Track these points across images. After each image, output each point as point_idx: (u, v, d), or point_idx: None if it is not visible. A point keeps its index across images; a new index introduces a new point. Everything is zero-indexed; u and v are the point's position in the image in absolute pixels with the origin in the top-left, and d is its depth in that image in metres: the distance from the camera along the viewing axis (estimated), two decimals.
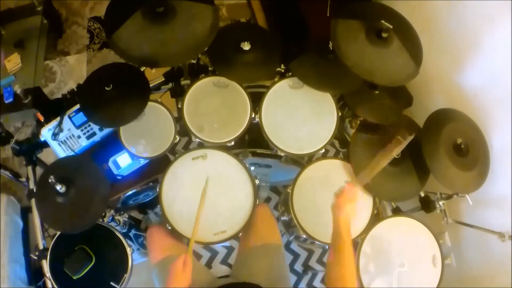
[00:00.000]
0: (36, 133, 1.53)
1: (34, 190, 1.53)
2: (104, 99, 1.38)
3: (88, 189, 1.31)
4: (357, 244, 1.38)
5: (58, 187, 1.25)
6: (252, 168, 1.77)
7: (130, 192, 1.67)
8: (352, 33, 1.34)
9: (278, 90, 1.54)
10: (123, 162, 1.57)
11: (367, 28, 1.34)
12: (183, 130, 1.54)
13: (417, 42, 1.41)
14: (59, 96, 1.62)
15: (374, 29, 1.32)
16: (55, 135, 1.46)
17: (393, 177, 1.45)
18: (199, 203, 1.29)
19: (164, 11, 1.28)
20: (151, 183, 1.69)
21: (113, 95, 1.38)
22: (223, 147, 1.48)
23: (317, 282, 2.18)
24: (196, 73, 1.62)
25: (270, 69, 1.53)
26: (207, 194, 1.40)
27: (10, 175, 1.78)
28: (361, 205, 1.45)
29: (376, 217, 1.47)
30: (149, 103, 1.43)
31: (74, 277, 1.36)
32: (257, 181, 1.46)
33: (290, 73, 1.55)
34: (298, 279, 2.18)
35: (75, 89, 1.58)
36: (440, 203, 1.46)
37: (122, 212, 1.71)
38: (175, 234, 1.39)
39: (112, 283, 1.36)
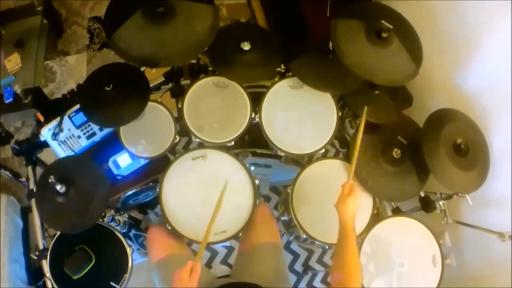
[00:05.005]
0: (36, 133, 1.53)
1: (34, 190, 1.53)
2: (104, 99, 1.38)
3: (88, 189, 1.31)
4: (357, 244, 1.38)
5: (58, 187, 1.25)
6: (252, 168, 1.77)
7: (130, 192, 1.67)
8: (352, 33, 1.34)
9: (278, 90, 1.54)
10: (123, 162, 1.57)
11: (367, 28, 1.34)
12: (183, 130, 1.54)
13: (417, 42, 1.41)
14: (59, 96, 1.62)
15: (374, 29, 1.32)
16: (55, 135, 1.46)
17: (393, 177, 1.45)
18: (214, 210, 1.22)
19: (164, 11, 1.28)
20: (151, 183, 1.69)
21: (113, 95, 1.38)
22: (223, 147, 1.48)
23: (317, 282, 2.18)
24: (196, 73, 1.62)
25: (270, 69, 1.53)
26: (207, 195, 1.40)
27: (10, 175, 1.78)
28: (361, 205, 1.45)
29: (376, 217, 1.47)
30: (149, 103, 1.43)
31: (74, 277, 1.36)
32: (257, 181, 1.46)
33: (290, 73, 1.55)
34: (298, 279, 2.18)
35: (75, 89, 1.58)
36: (440, 203, 1.46)
37: (122, 212, 1.71)
38: (175, 234, 1.39)
39: (112, 283, 1.36)
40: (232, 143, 1.48)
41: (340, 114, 1.53)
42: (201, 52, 1.36)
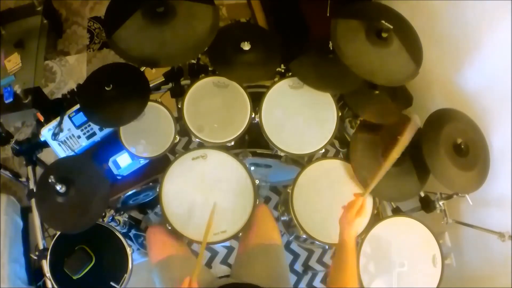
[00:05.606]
0: (36, 133, 1.53)
1: (34, 190, 1.53)
2: (104, 99, 1.38)
3: (88, 189, 1.31)
4: (357, 244, 1.38)
5: (58, 187, 1.25)
6: (252, 168, 1.77)
7: (130, 192, 1.67)
8: (352, 33, 1.34)
9: (278, 90, 1.54)
10: (123, 162, 1.57)
11: (367, 28, 1.34)
12: (183, 130, 1.54)
13: (417, 42, 1.41)
14: (59, 96, 1.62)
15: (374, 29, 1.32)
16: (55, 135, 1.46)
17: (393, 177, 1.45)
18: (205, 228, 1.24)
19: (164, 11, 1.27)
20: (151, 183, 1.69)
21: (113, 95, 1.38)
22: (223, 147, 1.48)
23: (317, 282, 2.18)
24: (196, 73, 1.62)
25: (270, 69, 1.53)
26: (207, 195, 1.40)
27: (10, 175, 1.78)
28: None
29: (376, 217, 1.47)
30: (149, 103, 1.43)
31: (74, 277, 1.36)
32: (257, 181, 1.46)
33: (290, 73, 1.55)
34: (298, 279, 2.18)
35: (75, 89, 1.58)
36: (440, 203, 1.46)
37: (122, 212, 1.71)
38: (175, 234, 1.39)
39: (112, 283, 1.36)
40: (232, 143, 1.48)
41: (340, 114, 1.53)
42: (201, 52, 1.36)
